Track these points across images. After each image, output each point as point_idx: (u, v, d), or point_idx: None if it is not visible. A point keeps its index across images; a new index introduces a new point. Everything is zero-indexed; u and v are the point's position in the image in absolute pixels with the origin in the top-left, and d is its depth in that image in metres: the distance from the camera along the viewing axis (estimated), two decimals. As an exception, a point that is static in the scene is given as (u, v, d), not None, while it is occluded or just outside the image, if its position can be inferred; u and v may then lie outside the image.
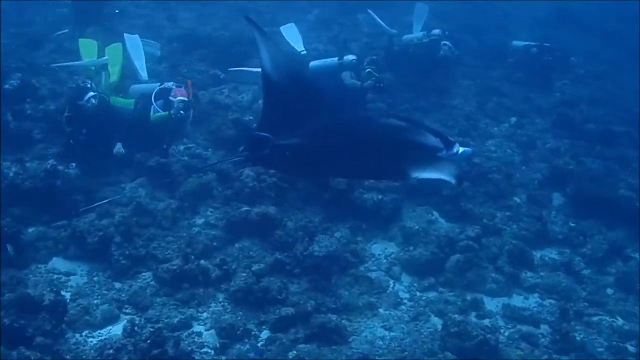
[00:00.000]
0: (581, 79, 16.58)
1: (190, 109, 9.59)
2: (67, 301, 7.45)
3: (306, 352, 7.35)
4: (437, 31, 13.80)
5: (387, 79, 12.19)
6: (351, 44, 14.51)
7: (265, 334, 7.63)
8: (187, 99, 9.54)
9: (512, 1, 20.49)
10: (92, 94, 9.33)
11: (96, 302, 7.76)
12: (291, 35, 12.54)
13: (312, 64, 11.60)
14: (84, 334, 7.30)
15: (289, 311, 7.75)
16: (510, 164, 11.91)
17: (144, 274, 8.25)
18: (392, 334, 7.97)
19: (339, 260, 8.75)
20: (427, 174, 5.39)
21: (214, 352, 7.33)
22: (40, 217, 8.71)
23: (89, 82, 9.55)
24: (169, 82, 9.87)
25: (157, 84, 9.87)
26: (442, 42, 13.65)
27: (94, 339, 7.23)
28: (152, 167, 9.64)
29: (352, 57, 11.60)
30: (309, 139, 5.49)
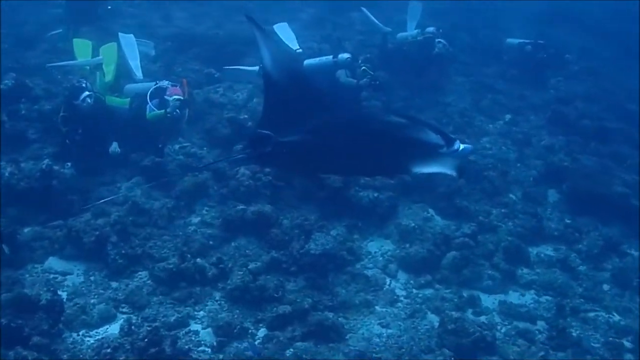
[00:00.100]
0: (575, 75, 16.60)
1: (185, 107, 9.58)
2: (64, 301, 7.46)
3: (303, 349, 7.36)
4: (431, 29, 13.81)
5: (381, 76, 12.18)
6: (345, 43, 14.52)
7: (262, 332, 7.64)
8: (182, 98, 9.53)
9: (505, 1, 20.49)
10: (87, 93, 9.31)
11: (93, 301, 7.76)
12: (285, 34, 12.53)
13: (307, 62, 11.60)
14: (81, 333, 7.30)
15: (285, 309, 7.76)
16: (505, 161, 11.93)
17: (140, 273, 8.26)
18: (389, 332, 7.99)
19: (336, 258, 8.76)
20: (428, 168, 5.41)
21: (211, 351, 7.33)
22: (36, 217, 8.69)
23: (84, 81, 9.55)
24: (164, 81, 9.86)
25: (152, 83, 9.86)
26: (437, 39, 13.65)
27: (91, 339, 7.23)
28: (148, 166, 9.63)
29: (347, 55, 11.60)
30: (310, 136, 5.50)
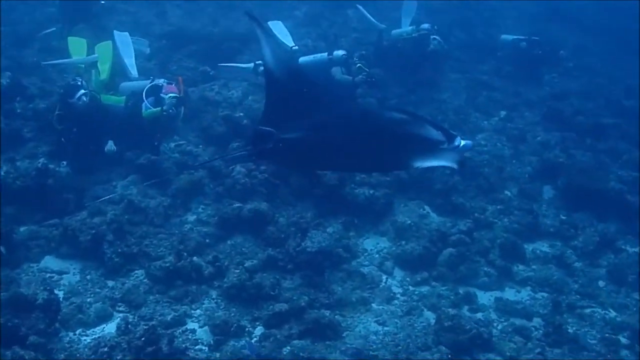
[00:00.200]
0: (570, 72, 16.58)
1: (181, 105, 9.56)
2: (60, 300, 7.46)
3: (300, 347, 7.37)
4: (426, 25, 13.76)
5: (376, 73, 12.17)
6: (340, 40, 14.52)
7: (259, 330, 7.65)
8: (178, 96, 9.51)
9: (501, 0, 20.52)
10: (83, 91, 9.29)
11: (89, 300, 7.77)
12: (279, 31, 12.50)
13: (302, 59, 11.57)
14: (77, 332, 7.31)
15: (282, 307, 7.77)
16: (500, 157, 11.93)
17: (136, 272, 8.26)
18: (386, 329, 8.00)
19: (332, 255, 8.77)
20: (429, 162, 5.43)
21: (208, 349, 7.34)
22: (32, 216, 8.69)
23: (80, 80, 9.53)
24: (160, 79, 9.84)
25: (147, 81, 9.83)
26: (432, 36, 13.63)
27: (87, 338, 7.24)
28: (143, 164, 9.62)
29: (342, 52, 11.59)
30: (312, 133, 5.51)
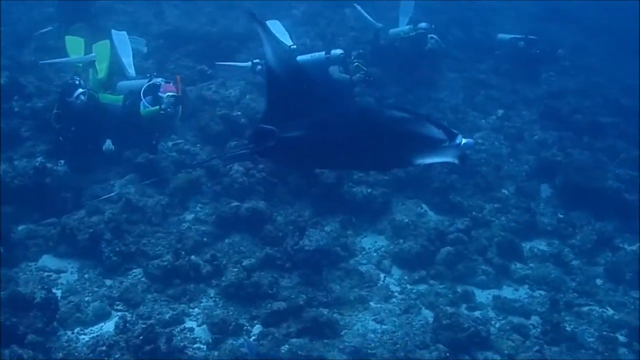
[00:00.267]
0: (567, 70, 16.61)
1: (179, 104, 9.55)
2: (58, 299, 7.45)
3: (298, 346, 7.39)
4: (423, 24, 13.76)
5: (374, 72, 12.18)
6: (338, 39, 14.52)
7: (257, 329, 7.65)
8: (176, 94, 9.51)
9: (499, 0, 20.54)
10: (81, 90, 9.26)
11: (87, 299, 7.77)
12: (276, 31, 12.48)
13: (299, 58, 11.57)
14: (75, 331, 7.31)
15: (280, 306, 7.78)
16: (498, 156, 11.94)
17: (134, 271, 8.26)
18: (384, 327, 8.02)
19: (330, 254, 8.78)
20: (430, 159, 5.44)
21: (206, 348, 7.35)
22: (30, 215, 8.68)
23: (78, 78, 9.51)
24: (158, 78, 9.83)
25: (145, 80, 9.82)
26: (429, 35, 13.64)
27: (85, 336, 7.24)
28: (141, 163, 9.62)
29: (339, 51, 11.60)
30: (314, 131, 5.52)
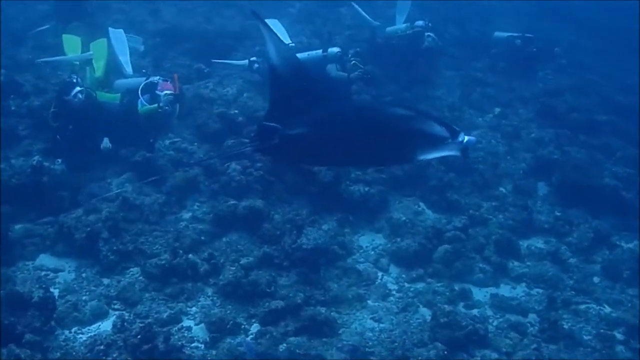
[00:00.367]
0: (564, 69, 16.59)
1: (177, 102, 9.55)
2: (56, 298, 7.43)
3: (296, 344, 7.38)
4: (420, 22, 13.78)
5: (371, 70, 12.18)
6: (334, 37, 14.51)
7: (255, 328, 7.65)
8: (174, 93, 9.50)
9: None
10: (79, 89, 9.25)
11: (85, 298, 7.75)
12: (275, 29, 12.45)
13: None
14: (73, 330, 7.29)
15: (278, 304, 7.78)
16: (495, 154, 11.97)
17: (132, 269, 8.24)
18: (382, 326, 8.02)
19: (327, 252, 8.78)
20: (432, 155, 5.46)
21: (204, 347, 7.34)
22: (27, 213, 8.65)
23: (75, 77, 9.50)
24: (156, 77, 9.82)
25: (142, 78, 9.81)
26: (426, 33, 13.65)
27: (83, 336, 7.22)
28: (139, 162, 9.60)
29: (336, 49, 11.60)
30: (317, 128, 5.53)
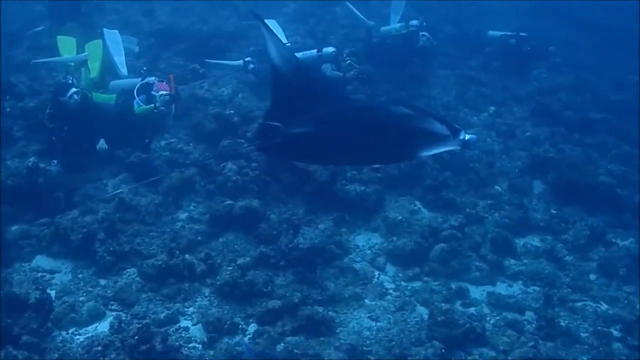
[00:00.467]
0: (558, 67, 16.59)
1: (173, 103, 9.54)
2: (53, 299, 7.43)
3: (294, 344, 7.39)
4: (415, 22, 13.78)
5: (367, 70, 12.19)
6: (329, 37, 14.52)
7: (252, 327, 7.65)
8: (170, 93, 9.49)
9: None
10: (74, 90, 9.24)
11: (81, 299, 7.75)
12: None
13: (292, 56, 11.55)
14: (70, 331, 7.30)
15: (275, 304, 7.78)
16: (490, 152, 11.95)
17: (128, 270, 8.25)
18: (379, 324, 8.02)
19: (324, 252, 8.77)
20: (432, 151, 5.48)
21: (201, 347, 7.34)
22: (23, 215, 8.65)
23: (71, 78, 9.48)
24: (151, 77, 9.80)
25: (138, 79, 9.80)
26: (421, 32, 13.65)
27: (80, 337, 7.22)
28: (134, 162, 9.59)
29: (332, 49, 11.62)
30: (319, 127, 5.55)
